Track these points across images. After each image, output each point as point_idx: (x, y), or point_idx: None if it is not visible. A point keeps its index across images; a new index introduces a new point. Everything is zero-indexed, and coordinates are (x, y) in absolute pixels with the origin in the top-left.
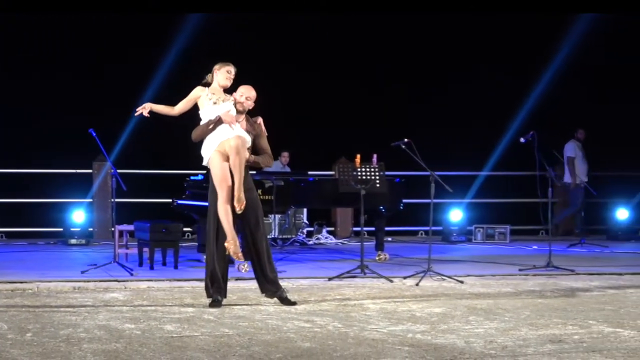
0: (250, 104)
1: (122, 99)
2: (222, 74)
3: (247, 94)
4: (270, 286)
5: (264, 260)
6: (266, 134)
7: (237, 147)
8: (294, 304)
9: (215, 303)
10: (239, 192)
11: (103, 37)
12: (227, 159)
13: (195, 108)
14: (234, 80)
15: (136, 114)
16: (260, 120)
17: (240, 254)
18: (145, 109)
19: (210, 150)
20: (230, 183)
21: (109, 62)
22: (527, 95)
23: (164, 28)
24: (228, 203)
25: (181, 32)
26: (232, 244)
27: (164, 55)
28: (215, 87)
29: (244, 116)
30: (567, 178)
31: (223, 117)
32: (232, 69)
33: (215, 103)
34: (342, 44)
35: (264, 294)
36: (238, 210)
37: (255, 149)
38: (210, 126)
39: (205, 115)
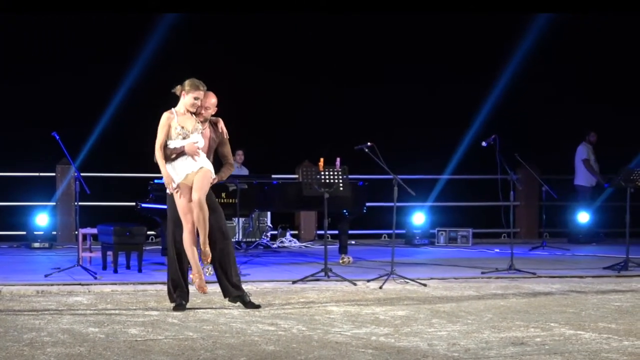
0: (210, 112)
1: (86, 102)
2: (190, 100)
3: (206, 104)
4: (233, 290)
5: (228, 263)
6: (227, 137)
7: (199, 202)
8: (257, 307)
9: (179, 307)
10: (205, 246)
11: (70, 36)
12: (191, 189)
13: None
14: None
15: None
16: (221, 122)
17: (206, 288)
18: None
19: (177, 180)
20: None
21: (74, 63)
22: (486, 97)
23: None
24: (193, 234)
25: (144, 32)
26: (197, 277)
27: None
28: (182, 111)
29: (206, 124)
30: (580, 180)
31: (187, 149)
32: (200, 94)
33: (184, 138)
34: (307, 44)
35: (227, 298)
36: (205, 264)
37: (216, 156)
38: (173, 155)
39: (174, 144)
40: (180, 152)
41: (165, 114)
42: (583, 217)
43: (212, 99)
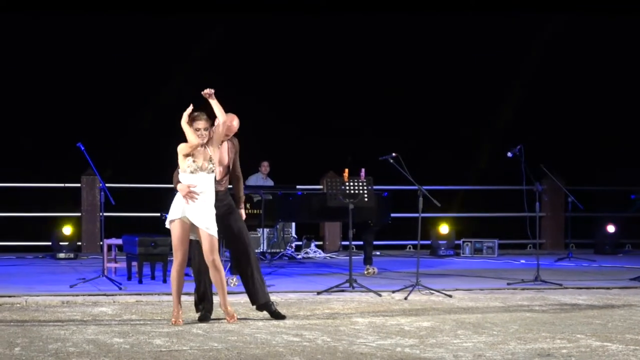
0: (233, 132)
1: (110, 113)
2: (191, 134)
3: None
4: (261, 297)
5: (254, 273)
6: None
7: (215, 264)
8: (283, 317)
9: (204, 318)
10: (226, 307)
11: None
12: (185, 226)
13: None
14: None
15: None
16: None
17: (181, 320)
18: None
19: (173, 216)
20: (186, 248)
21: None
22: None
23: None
24: (183, 268)
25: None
26: (176, 312)
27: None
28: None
29: (223, 142)
30: None
31: (179, 189)
32: (201, 124)
33: (192, 172)
34: (334, 55)
35: (254, 306)
36: (231, 322)
37: (228, 169)
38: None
39: (183, 179)
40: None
41: (182, 144)
42: (609, 228)
43: (235, 121)
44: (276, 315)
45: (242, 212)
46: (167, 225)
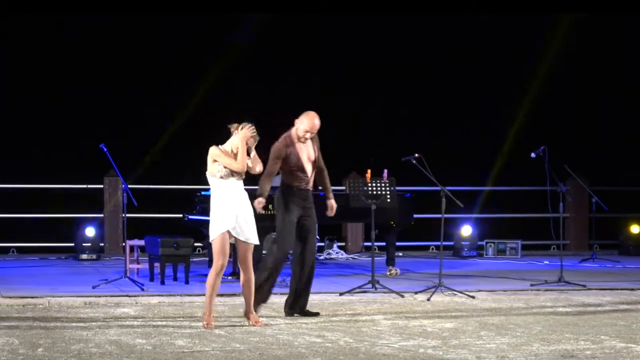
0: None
1: (133, 114)
2: (242, 156)
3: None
4: (299, 305)
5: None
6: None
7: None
8: (316, 314)
9: (310, 313)
10: (250, 313)
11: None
12: (229, 236)
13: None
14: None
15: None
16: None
17: (213, 324)
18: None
19: (218, 231)
20: (227, 256)
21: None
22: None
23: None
24: (221, 274)
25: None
26: (207, 315)
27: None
28: (226, 149)
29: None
30: None
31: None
32: (249, 133)
33: (221, 177)
34: (353, 56)
35: (286, 310)
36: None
37: (314, 164)
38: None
39: (213, 182)
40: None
41: (214, 147)
42: (634, 228)
43: (317, 120)
44: (308, 313)
45: (332, 201)
46: (211, 240)
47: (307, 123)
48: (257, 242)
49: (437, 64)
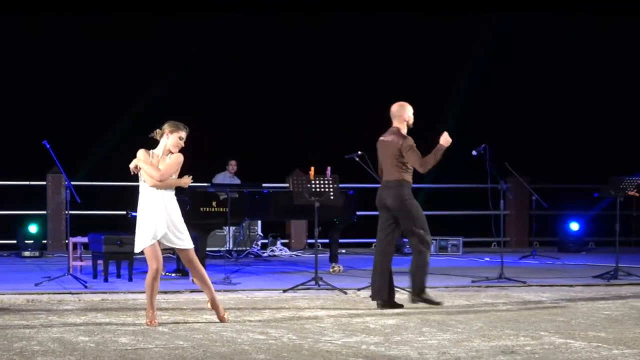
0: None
1: (76, 110)
2: (174, 139)
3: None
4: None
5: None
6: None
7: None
8: (438, 303)
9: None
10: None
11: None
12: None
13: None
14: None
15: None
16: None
17: (156, 321)
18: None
19: (144, 244)
20: (161, 259)
21: (68, 70)
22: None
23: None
24: (159, 276)
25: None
26: (150, 314)
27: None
28: (159, 153)
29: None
30: None
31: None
32: (184, 134)
33: (146, 181)
34: (295, 53)
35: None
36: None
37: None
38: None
39: (140, 186)
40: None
41: (143, 150)
42: (573, 226)
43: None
44: (429, 302)
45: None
46: (136, 251)
47: (409, 110)
48: (192, 246)
49: (379, 61)
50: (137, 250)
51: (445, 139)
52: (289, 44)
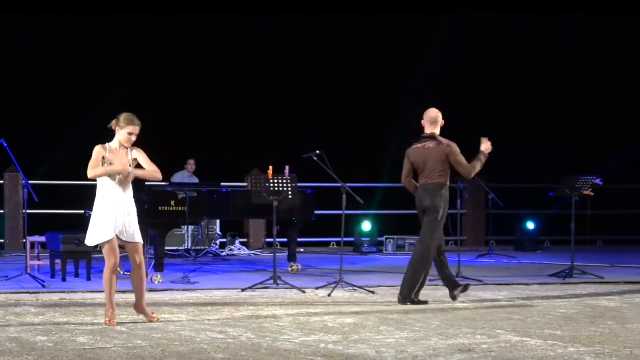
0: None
1: (35, 110)
2: (124, 135)
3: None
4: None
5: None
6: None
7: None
8: (425, 302)
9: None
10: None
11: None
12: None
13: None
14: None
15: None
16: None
17: (115, 321)
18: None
19: (102, 239)
20: (118, 254)
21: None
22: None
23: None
24: (115, 270)
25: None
26: (110, 313)
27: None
28: (115, 147)
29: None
30: None
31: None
32: (135, 129)
33: (109, 176)
34: (251, 52)
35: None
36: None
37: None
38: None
39: (98, 181)
40: (111, 198)
41: (98, 147)
42: (529, 225)
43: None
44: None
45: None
46: (88, 244)
47: (438, 116)
48: (142, 241)
49: (338, 62)
50: (93, 243)
51: (486, 147)
52: (247, 43)
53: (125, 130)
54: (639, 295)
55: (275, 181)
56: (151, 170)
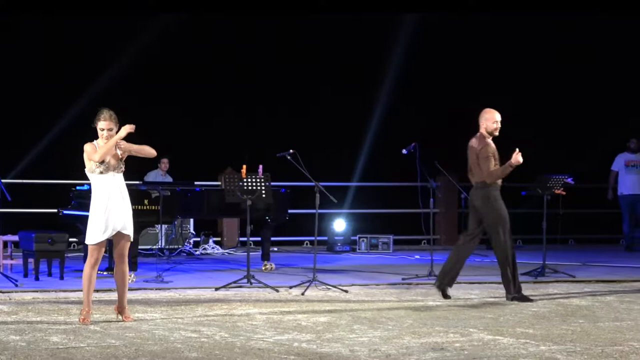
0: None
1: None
2: (98, 131)
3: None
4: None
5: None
6: None
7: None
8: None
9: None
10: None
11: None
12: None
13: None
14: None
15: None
16: None
17: (89, 320)
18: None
19: (99, 237)
20: (103, 250)
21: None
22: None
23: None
24: (97, 267)
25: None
26: (85, 311)
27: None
28: (102, 144)
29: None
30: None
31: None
32: (105, 125)
33: (101, 173)
34: (224, 52)
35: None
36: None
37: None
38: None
39: (93, 179)
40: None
41: (89, 144)
42: None
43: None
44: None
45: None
46: (86, 242)
47: (494, 117)
48: (132, 234)
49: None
50: (93, 242)
51: (515, 159)
52: (219, 40)
53: (97, 127)
54: (610, 293)
55: (249, 180)
56: (145, 146)
